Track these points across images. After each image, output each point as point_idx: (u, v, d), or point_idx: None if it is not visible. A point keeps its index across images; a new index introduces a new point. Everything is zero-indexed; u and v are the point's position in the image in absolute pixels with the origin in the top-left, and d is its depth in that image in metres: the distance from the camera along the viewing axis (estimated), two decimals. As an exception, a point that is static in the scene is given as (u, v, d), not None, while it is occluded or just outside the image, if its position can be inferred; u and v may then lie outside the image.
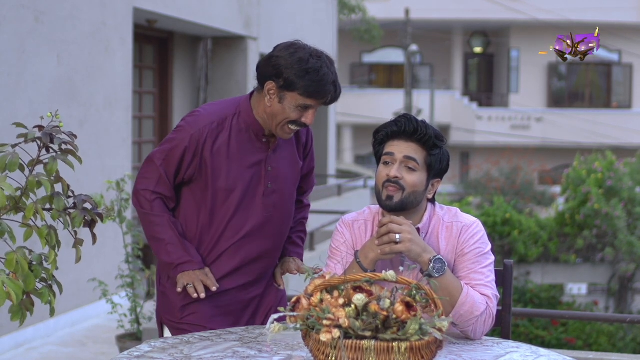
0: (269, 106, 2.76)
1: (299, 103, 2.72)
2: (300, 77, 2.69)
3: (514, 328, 10.78)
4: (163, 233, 2.82)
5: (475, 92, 30.08)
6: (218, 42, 10.56)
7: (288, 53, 2.73)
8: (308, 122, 2.77)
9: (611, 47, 27.04)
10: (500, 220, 13.05)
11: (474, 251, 2.62)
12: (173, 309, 2.87)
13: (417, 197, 2.62)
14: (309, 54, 2.74)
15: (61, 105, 6.48)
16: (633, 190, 13.54)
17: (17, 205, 2.16)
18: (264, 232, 2.89)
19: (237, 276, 2.89)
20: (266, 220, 2.88)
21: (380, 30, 19.89)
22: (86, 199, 2.25)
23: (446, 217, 2.69)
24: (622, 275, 13.26)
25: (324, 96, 2.73)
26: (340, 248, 2.74)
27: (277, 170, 2.88)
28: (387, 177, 2.61)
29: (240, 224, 2.85)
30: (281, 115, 2.75)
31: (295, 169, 2.96)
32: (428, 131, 2.62)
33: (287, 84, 2.70)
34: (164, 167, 2.83)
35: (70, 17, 6.62)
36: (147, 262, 7.56)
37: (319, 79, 2.70)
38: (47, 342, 6.19)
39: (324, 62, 2.75)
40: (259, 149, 2.85)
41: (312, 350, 2.08)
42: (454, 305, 2.52)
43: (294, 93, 2.71)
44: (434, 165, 2.63)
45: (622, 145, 24.96)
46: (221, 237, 2.86)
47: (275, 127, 2.78)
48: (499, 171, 20.55)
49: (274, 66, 2.72)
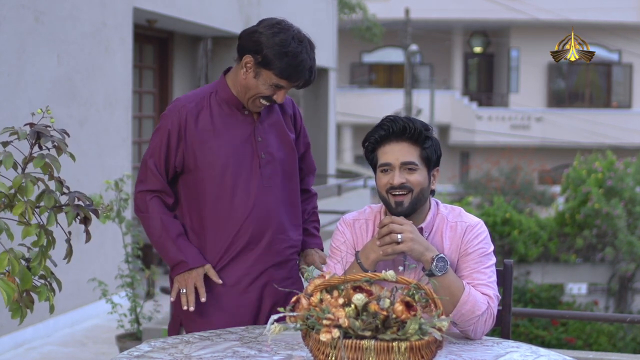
0: (244, 78, 2.80)
1: (272, 82, 2.77)
2: (278, 57, 2.73)
3: (514, 328, 10.78)
4: (158, 233, 2.82)
5: (475, 92, 30.07)
6: (218, 42, 10.56)
7: (271, 32, 2.76)
8: (279, 100, 2.82)
9: (611, 47, 27.04)
10: (500, 220, 13.04)
11: (477, 251, 2.62)
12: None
13: (425, 193, 2.63)
14: (291, 36, 2.77)
15: (61, 105, 6.48)
16: (633, 189, 13.53)
17: (11, 203, 2.16)
18: (269, 204, 2.86)
19: (255, 260, 2.86)
20: (268, 191, 2.86)
21: (381, 28, 19.91)
22: (79, 196, 2.24)
23: (450, 217, 2.69)
24: (622, 275, 13.25)
25: (297, 80, 2.78)
26: (341, 247, 2.74)
27: (267, 140, 2.89)
28: (390, 184, 2.60)
29: (244, 200, 2.83)
30: (254, 90, 2.80)
31: (287, 138, 2.95)
32: (416, 125, 2.61)
33: (264, 61, 2.75)
34: (154, 160, 2.84)
35: (70, 17, 6.62)
36: (146, 262, 7.56)
37: (296, 63, 2.74)
38: (46, 342, 6.18)
39: (305, 47, 2.78)
40: (244, 122, 2.87)
41: (312, 350, 2.08)
42: (456, 304, 2.52)
43: (269, 72, 2.76)
44: (431, 157, 2.63)
45: (622, 145, 24.95)
46: (229, 219, 2.83)
47: (246, 100, 2.83)
48: (499, 171, 20.55)
49: (255, 41, 2.77)
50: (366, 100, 27.22)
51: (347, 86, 28.62)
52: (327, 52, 14.51)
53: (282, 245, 2.90)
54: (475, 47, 30.16)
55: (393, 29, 25.46)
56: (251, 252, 2.86)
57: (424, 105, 25.79)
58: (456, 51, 29.46)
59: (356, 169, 22.72)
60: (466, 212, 2.72)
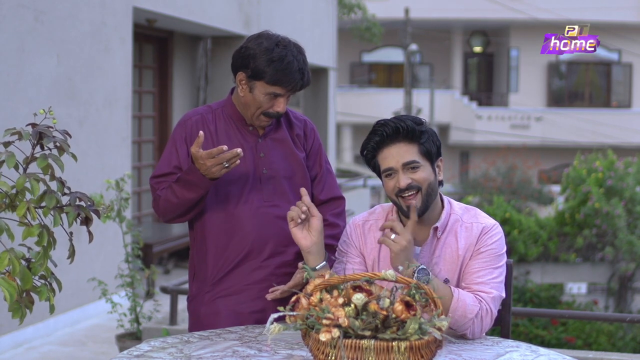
0: (242, 96, 2.84)
1: (267, 91, 2.79)
2: (266, 65, 2.76)
3: (514, 327, 10.78)
4: (172, 196, 2.80)
5: (474, 91, 30.07)
6: (218, 42, 10.56)
7: (256, 43, 2.80)
8: (280, 110, 2.82)
9: (611, 47, 27.03)
10: (500, 220, 13.04)
11: (490, 251, 2.62)
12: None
13: (434, 187, 2.63)
14: (274, 42, 2.79)
15: (61, 105, 6.48)
16: (633, 189, 13.53)
17: (12, 204, 2.16)
18: (270, 219, 2.86)
19: (253, 272, 2.86)
20: (270, 206, 2.86)
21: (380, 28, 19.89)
22: (81, 196, 2.24)
23: (465, 217, 2.68)
24: (622, 275, 13.25)
25: (289, 83, 2.78)
26: (342, 248, 2.75)
27: (270, 157, 2.90)
28: (398, 188, 2.60)
29: (245, 213, 2.84)
30: (253, 105, 2.82)
31: (293, 155, 2.94)
32: (407, 124, 2.60)
33: (254, 73, 2.78)
34: (164, 169, 2.88)
35: (70, 16, 6.62)
36: (146, 261, 7.56)
37: (284, 67, 2.76)
38: (46, 342, 6.18)
39: (290, 50, 2.80)
40: (248, 137, 2.90)
41: (311, 350, 2.08)
42: (447, 313, 2.51)
43: (261, 82, 2.78)
44: (430, 150, 2.63)
45: (622, 144, 24.96)
46: (230, 229, 2.84)
47: (250, 117, 2.86)
48: (496, 170, 20.57)
49: (243, 56, 2.81)
50: (366, 100, 27.23)
51: (347, 86, 28.62)
52: (327, 51, 14.51)
53: (281, 259, 2.89)
54: (475, 47, 30.16)
55: (393, 29, 25.46)
56: (250, 264, 2.87)
57: (424, 104, 25.80)
58: (456, 51, 29.46)
59: (356, 169, 22.71)
60: (482, 213, 2.72)
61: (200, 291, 2.91)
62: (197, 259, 2.94)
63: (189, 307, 2.97)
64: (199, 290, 2.92)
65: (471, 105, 27.69)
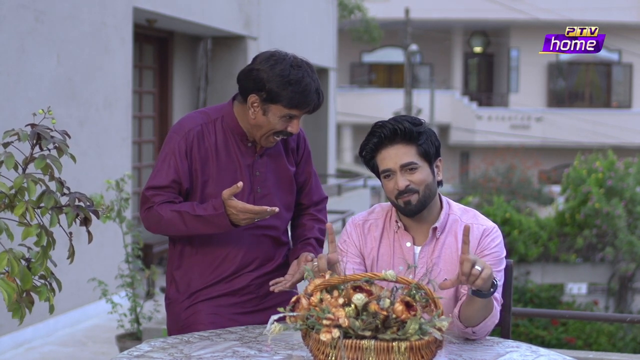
0: (253, 118, 2.76)
1: (283, 114, 2.72)
2: (282, 88, 2.68)
3: (514, 328, 10.78)
4: (181, 223, 2.75)
5: (475, 91, 30.08)
6: (218, 42, 10.56)
7: (268, 65, 2.71)
8: (294, 131, 2.77)
9: (611, 47, 27.03)
10: (500, 220, 13.05)
11: (493, 254, 2.62)
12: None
13: (432, 188, 2.63)
14: (289, 64, 2.71)
15: (61, 105, 6.48)
16: (634, 189, 13.54)
17: (11, 204, 2.16)
18: (260, 240, 2.88)
19: (241, 282, 2.87)
20: (260, 228, 2.86)
21: (380, 31, 19.91)
22: (80, 196, 2.24)
23: (464, 218, 2.68)
24: (622, 275, 13.26)
25: (307, 105, 2.73)
26: (342, 247, 2.75)
27: (265, 175, 2.87)
28: (397, 190, 2.60)
29: (236, 234, 2.82)
30: (266, 127, 2.75)
31: (286, 174, 2.93)
32: (404, 125, 2.60)
33: (270, 96, 2.70)
34: (160, 180, 2.78)
35: (70, 17, 6.62)
36: (147, 262, 7.56)
37: (302, 89, 2.69)
38: (46, 342, 6.18)
39: (305, 71, 2.73)
40: (246, 154, 2.84)
41: (312, 350, 2.08)
42: (487, 317, 2.53)
43: (277, 105, 2.71)
44: (429, 150, 2.62)
45: (622, 144, 24.96)
46: (219, 243, 2.84)
47: (259, 137, 2.79)
48: (495, 170, 20.58)
49: (255, 79, 2.72)
50: (366, 100, 27.23)
51: (347, 86, 28.62)
52: (327, 52, 14.51)
53: (263, 270, 2.89)
54: (475, 47, 30.16)
55: (393, 29, 25.49)
56: (239, 278, 2.87)
57: (424, 105, 25.79)
58: (456, 51, 29.46)
59: (356, 169, 22.72)
60: (481, 215, 2.72)
61: (181, 296, 2.89)
62: (178, 266, 2.91)
63: (168, 309, 2.95)
64: (178, 294, 2.90)
65: (471, 105, 27.69)
